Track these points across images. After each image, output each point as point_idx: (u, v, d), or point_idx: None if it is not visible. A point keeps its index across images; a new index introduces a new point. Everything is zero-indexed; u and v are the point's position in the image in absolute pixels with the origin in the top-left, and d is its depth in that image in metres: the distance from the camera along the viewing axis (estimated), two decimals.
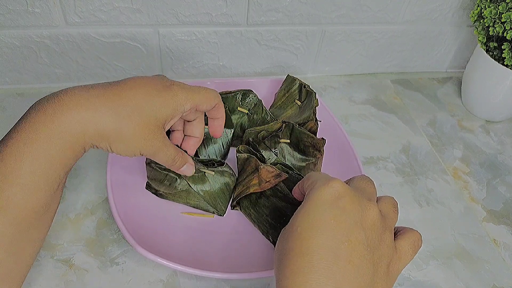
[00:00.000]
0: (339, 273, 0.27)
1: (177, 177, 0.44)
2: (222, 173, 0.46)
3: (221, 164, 0.47)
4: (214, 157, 0.50)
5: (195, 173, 0.43)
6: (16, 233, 0.31)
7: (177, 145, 0.44)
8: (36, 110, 0.32)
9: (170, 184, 0.45)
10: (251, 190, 0.44)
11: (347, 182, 0.35)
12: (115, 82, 0.35)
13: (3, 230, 0.30)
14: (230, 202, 0.47)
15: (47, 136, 0.31)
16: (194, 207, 0.47)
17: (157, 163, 0.44)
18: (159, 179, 0.45)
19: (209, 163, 0.47)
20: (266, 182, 0.43)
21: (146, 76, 0.36)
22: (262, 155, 0.48)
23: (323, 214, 0.29)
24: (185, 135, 0.44)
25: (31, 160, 0.31)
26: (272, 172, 0.43)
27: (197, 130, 0.43)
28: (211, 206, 0.46)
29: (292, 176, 0.45)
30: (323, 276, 0.27)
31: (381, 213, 0.31)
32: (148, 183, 0.47)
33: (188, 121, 0.43)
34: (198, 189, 0.45)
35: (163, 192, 0.46)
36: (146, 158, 0.47)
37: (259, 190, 0.43)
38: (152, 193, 0.47)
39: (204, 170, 0.45)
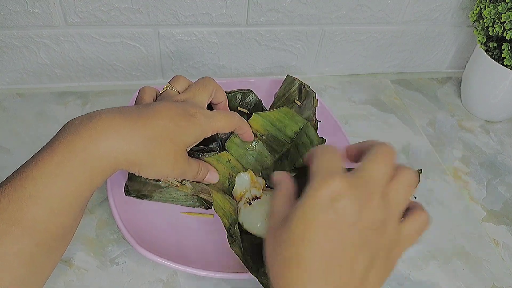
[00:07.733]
0: (334, 279, 0.27)
1: None
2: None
3: (213, 151, 0.47)
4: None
5: None
6: (37, 251, 0.31)
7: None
8: (70, 133, 0.31)
9: (155, 183, 0.45)
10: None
11: (359, 156, 0.32)
12: (145, 108, 0.35)
13: (26, 249, 0.30)
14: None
15: (81, 161, 0.31)
16: (179, 203, 0.46)
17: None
18: (143, 180, 0.45)
19: (204, 150, 0.47)
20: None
21: (172, 102, 0.38)
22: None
23: (317, 217, 0.28)
24: None
25: (62, 184, 0.31)
26: None
27: None
28: (198, 197, 0.46)
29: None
30: (321, 284, 0.27)
31: (385, 204, 0.29)
32: (127, 187, 0.45)
33: None
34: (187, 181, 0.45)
35: (147, 192, 0.45)
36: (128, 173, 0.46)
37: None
38: (133, 196, 0.45)
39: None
